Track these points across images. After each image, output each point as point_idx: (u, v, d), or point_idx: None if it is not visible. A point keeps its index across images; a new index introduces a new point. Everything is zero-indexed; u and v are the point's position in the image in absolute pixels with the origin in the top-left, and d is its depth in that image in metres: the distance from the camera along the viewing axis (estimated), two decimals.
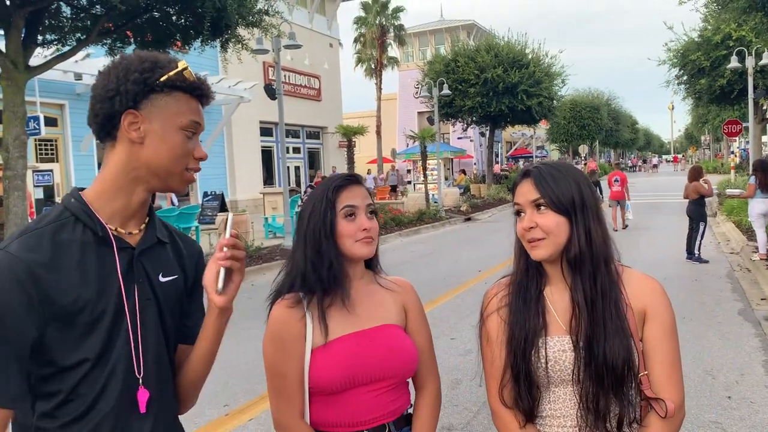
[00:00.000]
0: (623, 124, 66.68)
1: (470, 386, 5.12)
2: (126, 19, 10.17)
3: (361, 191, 1.71)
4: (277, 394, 1.67)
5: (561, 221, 1.55)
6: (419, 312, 1.80)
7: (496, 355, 1.63)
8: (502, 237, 15.12)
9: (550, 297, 1.62)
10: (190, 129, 1.38)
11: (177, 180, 1.39)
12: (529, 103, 27.83)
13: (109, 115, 1.33)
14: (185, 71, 1.36)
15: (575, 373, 1.54)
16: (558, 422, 1.59)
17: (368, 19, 35.35)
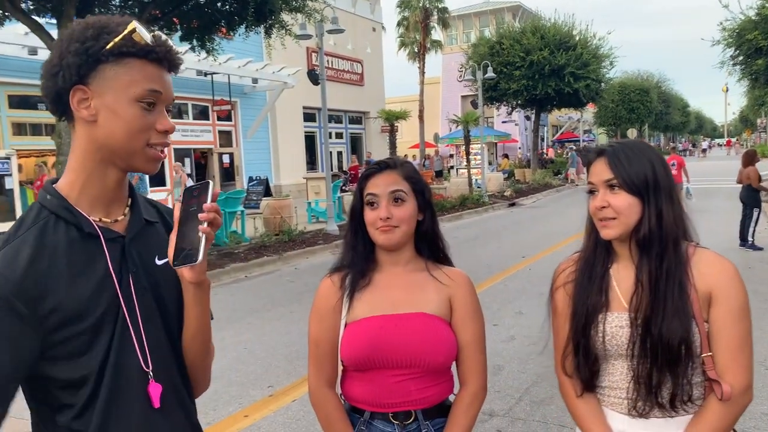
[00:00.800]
0: (674, 107, 64.72)
1: (512, 372, 5.07)
2: (172, 6, 10.34)
3: (389, 177, 1.72)
4: (311, 360, 1.79)
5: (633, 202, 1.57)
6: (469, 307, 1.77)
7: (560, 327, 1.72)
8: (546, 222, 15.01)
9: (615, 274, 1.65)
10: (147, 99, 1.21)
11: (141, 159, 1.24)
12: (576, 85, 27.24)
13: (56, 93, 1.20)
14: (134, 34, 1.18)
15: (629, 348, 1.58)
16: (615, 393, 1.64)
17: (412, 2, 35.00)
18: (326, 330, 1.75)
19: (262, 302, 7.89)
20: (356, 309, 1.73)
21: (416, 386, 1.69)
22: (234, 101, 21.56)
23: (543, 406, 4.40)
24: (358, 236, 1.77)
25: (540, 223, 15.65)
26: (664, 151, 34.92)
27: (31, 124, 16.55)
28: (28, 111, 16.30)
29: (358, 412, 1.74)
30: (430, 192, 1.82)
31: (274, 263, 10.91)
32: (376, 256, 1.78)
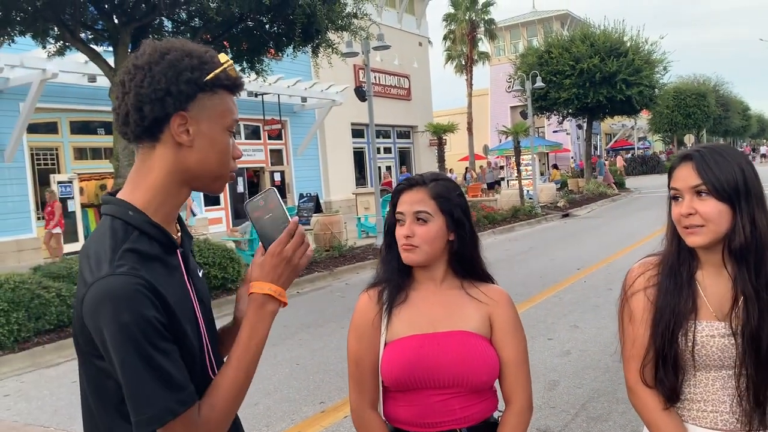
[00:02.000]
0: (733, 110, 62.46)
1: (568, 387, 4.93)
2: (222, 29, 10.62)
3: (416, 196, 1.70)
4: (352, 380, 1.75)
5: (723, 209, 1.49)
6: (509, 325, 1.73)
7: (639, 333, 1.61)
8: (602, 233, 14.65)
9: (701, 281, 1.57)
10: (233, 128, 1.31)
11: (221, 183, 1.33)
12: (629, 92, 26.62)
13: (157, 117, 1.23)
14: (229, 68, 1.27)
15: (735, 362, 1.50)
16: (698, 406, 1.56)
17: (458, 15, 35.06)
18: (366, 348, 1.72)
19: (314, 317, 7.93)
20: (395, 326, 1.70)
21: (460, 404, 1.65)
22: (284, 120, 21.94)
23: (600, 422, 4.25)
24: (393, 252, 1.74)
25: (595, 234, 15.28)
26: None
27: (91, 148, 17.22)
28: (88, 136, 16.97)
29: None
30: (463, 211, 1.74)
31: (325, 279, 10.98)
32: (413, 271, 1.76)
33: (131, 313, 1.12)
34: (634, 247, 11.70)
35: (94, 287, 1.15)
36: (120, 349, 1.12)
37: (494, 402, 1.73)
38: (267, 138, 22.42)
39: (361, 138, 27.41)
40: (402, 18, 29.97)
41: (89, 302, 1.15)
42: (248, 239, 12.39)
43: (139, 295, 1.14)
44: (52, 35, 10.49)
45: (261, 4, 9.39)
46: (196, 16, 10.40)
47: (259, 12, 10.22)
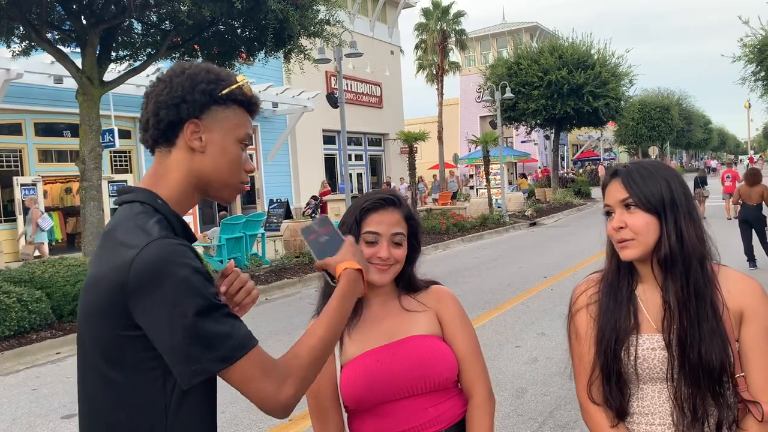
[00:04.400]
0: (695, 123, 64.06)
1: (536, 395, 4.98)
2: (193, 33, 10.52)
3: (393, 217, 1.68)
4: (313, 415, 1.70)
5: (651, 221, 1.53)
6: (456, 319, 1.74)
7: (584, 351, 1.63)
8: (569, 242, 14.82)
9: (641, 296, 1.60)
10: (245, 141, 1.40)
11: (231, 191, 1.41)
12: (596, 104, 27.12)
13: (173, 121, 1.33)
14: (244, 86, 1.39)
15: (669, 373, 1.52)
16: (646, 419, 1.57)
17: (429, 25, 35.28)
18: (322, 378, 1.65)
19: (283, 325, 7.87)
20: (349, 348, 1.67)
21: (429, 404, 1.66)
22: (255, 125, 21.75)
23: (567, 430, 4.31)
24: None
25: (561, 242, 15.49)
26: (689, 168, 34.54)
27: (56, 150, 16.87)
28: (53, 138, 16.63)
29: None
30: (420, 233, 1.78)
31: (294, 285, 10.91)
32: None
33: (190, 268, 1.21)
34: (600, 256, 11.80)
35: (149, 248, 1.20)
36: (184, 300, 1.18)
37: (463, 399, 1.73)
38: None
39: (332, 144, 27.38)
40: (374, 26, 30.08)
41: (143, 262, 1.19)
42: (217, 245, 12.27)
43: (193, 256, 1.24)
44: (18, 34, 10.27)
45: (232, 8, 9.33)
46: (167, 19, 10.28)
47: (230, 16, 10.15)
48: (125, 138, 17.55)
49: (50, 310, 7.77)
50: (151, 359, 1.23)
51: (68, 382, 6.12)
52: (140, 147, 18.42)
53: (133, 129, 18.32)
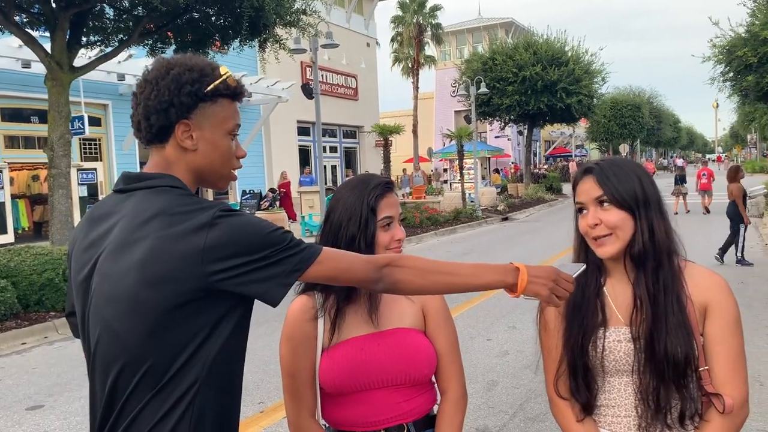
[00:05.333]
0: (665, 122, 65.14)
1: (506, 388, 5.04)
2: (167, 19, 10.35)
3: (395, 199, 1.73)
4: (288, 393, 1.69)
5: (625, 217, 1.55)
6: (440, 315, 1.76)
7: (552, 345, 1.66)
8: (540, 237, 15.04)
9: (610, 290, 1.62)
10: (234, 131, 1.45)
11: (225, 180, 1.49)
12: (569, 101, 27.40)
13: (161, 126, 1.39)
14: (228, 78, 1.42)
15: (635, 366, 1.54)
16: (612, 411, 1.60)
17: (405, 18, 35.27)
18: (301, 359, 1.67)
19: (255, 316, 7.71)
20: (334, 332, 1.67)
21: (404, 398, 1.67)
22: None
23: (537, 422, 4.36)
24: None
25: (533, 237, 15.65)
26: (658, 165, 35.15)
27: (23, 137, 16.50)
28: (20, 124, 16.26)
29: None
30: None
31: None
32: None
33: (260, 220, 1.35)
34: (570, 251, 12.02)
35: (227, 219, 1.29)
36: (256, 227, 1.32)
37: (434, 394, 1.76)
38: None
39: (307, 136, 27.23)
40: (350, 18, 29.94)
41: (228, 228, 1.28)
42: None
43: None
44: None
45: None
46: (140, 5, 10.09)
47: (205, 3, 10.02)
48: (95, 125, 17.23)
49: (15, 300, 7.61)
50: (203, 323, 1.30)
51: (34, 373, 6.01)
52: (111, 134, 18.12)
53: (103, 116, 18.00)
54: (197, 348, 1.29)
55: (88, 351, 1.39)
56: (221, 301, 1.31)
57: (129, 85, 17.47)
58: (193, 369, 1.30)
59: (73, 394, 5.31)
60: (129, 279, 1.28)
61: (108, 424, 1.32)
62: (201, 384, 1.30)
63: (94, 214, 1.44)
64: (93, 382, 1.38)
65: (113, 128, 18.10)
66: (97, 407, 1.36)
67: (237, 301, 1.34)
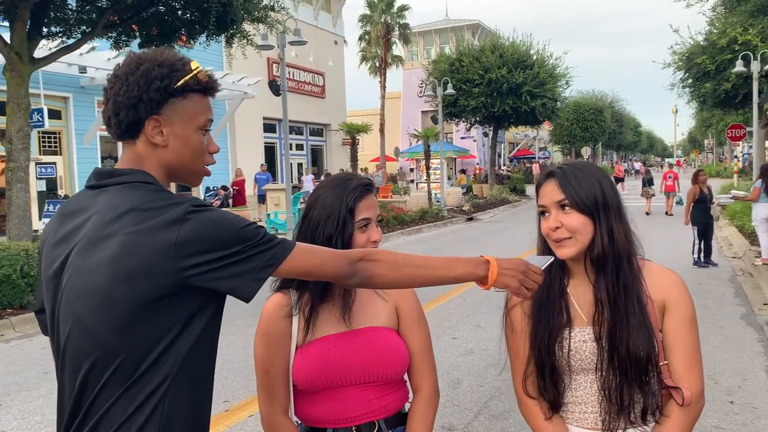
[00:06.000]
0: (626, 126, 66.54)
1: (471, 386, 5.10)
2: (132, 12, 10.17)
3: (374, 200, 1.74)
4: (261, 389, 1.71)
5: (585, 221, 1.59)
6: (413, 315, 1.78)
7: (520, 346, 1.69)
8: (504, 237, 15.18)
9: (573, 291, 1.66)
10: (206, 127, 1.44)
11: (197, 176, 1.47)
12: (533, 104, 27.78)
13: (133, 121, 1.38)
14: (199, 73, 1.41)
15: (598, 365, 1.59)
16: (579, 408, 1.64)
17: (373, 17, 35.28)
18: (276, 356, 1.68)
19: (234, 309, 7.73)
20: (309, 329, 1.68)
21: (375, 395, 1.69)
22: None
23: (501, 420, 4.43)
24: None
25: (497, 237, 15.84)
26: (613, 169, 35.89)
27: None
28: None
29: (319, 431, 1.71)
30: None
31: None
32: None
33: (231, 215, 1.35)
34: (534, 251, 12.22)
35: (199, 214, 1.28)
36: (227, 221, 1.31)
37: (406, 392, 1.78)
38: None
39: (273, 133, 27.04)
40: (318, 15, 29.83)
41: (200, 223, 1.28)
42: None
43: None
44: None
45: None
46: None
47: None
48: (55, 118, 16.81)
49: None
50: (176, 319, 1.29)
51: None
52: (71, 128, 17.70)
53: (63, 109, 17.58)
54: (169, 344, 1.29)
55: (57, 347, 1.38)
56: (194, 297, 1.30)
57: (91, 77, 17.09)
58: (165, 365, 1.29)
59: (31, 393, 5.19)
60: (101, 274, 1.27)
61: (76, 420, 1.31)
62: (172, 380, 1.29)
63: (66, 209, 1.42)
64: (62, 379, 1.36)
65: (74, 121, 17.69)
66: (66, 404, 1.34)
67: (210, 297, 1.33)
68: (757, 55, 17.64)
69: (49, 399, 4.88)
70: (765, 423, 4.29)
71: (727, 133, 24.70)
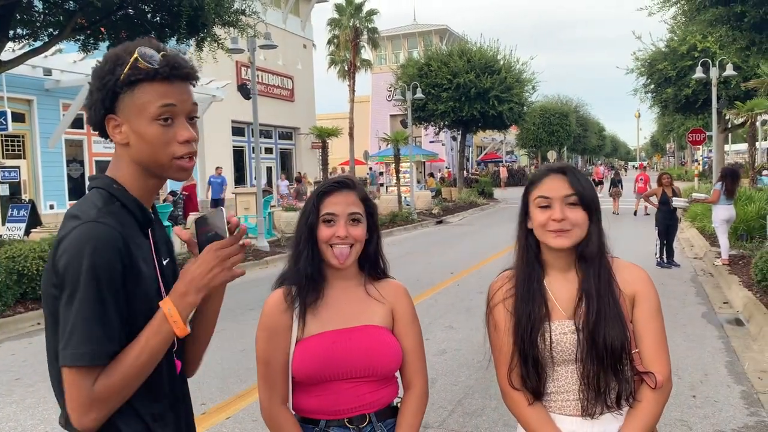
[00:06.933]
0: (591, 130, 67.74)
1: (445, 385, 5.21)
2: (100, 15, 10.07)
3: (348, 198, 1.79)
4: (262, 380, 1.79)
5: (585, 217, 1.72)
6: (407, 316, 1.88)
7: (503, 342, 1.78)
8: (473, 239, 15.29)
9: (549, 286, 1.77)
10: (162, 115, 1.32)
11: (171, 170, 1.37)
12: (501, 108, 28.17)
13: (97, 122, 1.37)
14: (138, 62, 1.30)
15: (578, 355, 1.70)
16: (561, 397, 1.75)
17: (342, 21, 35.28)
18: (276, 349, 1.77)
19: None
20: (308, 325, 1.77)
21: (368, 390, 1.78)
22: None
23: (475, 417, 4.54)
24: (311, 253, 1.78)
25: (466, 240, 16.03)
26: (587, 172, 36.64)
27: None
28: None
29: (312, 422, 1.79)
30: (377, 214, 1.90)
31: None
32: (324, 272, 1.82)
33: (104, 258, 1.25)
34: (502, 254, 12.40)
35: (81, 228, 1.27)
36: (82, 286, 1.24)
37: (396, 388, 1.88)
38: None
39: (242, 136, 26.89)
40: (287, 19, 29.77)
41: (72, 238, 1.26)
42: None
43: (115, 246, 1.27)
44: None
45: None
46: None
47: (141, 1, 9.81)
48: (19, 121, 16.48)
49: None
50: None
51: None
52: (35, 131, 17.37)
53: (27, 112, 17.24)
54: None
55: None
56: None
57: (56, 80, 16.81)
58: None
59: (4, 400, 5.11)
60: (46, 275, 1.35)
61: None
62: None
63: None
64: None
65: (38, 125, 17.36)
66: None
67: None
68: (715, 62, 18.20)
69: (21, 405, 4.83)
70: (726, 415, 4.49)
71: (688, 137, 25.39)
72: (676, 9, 9.54)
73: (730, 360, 5.76)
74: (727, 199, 10.40)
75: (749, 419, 4.42)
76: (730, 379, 5.26)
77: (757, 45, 8.85)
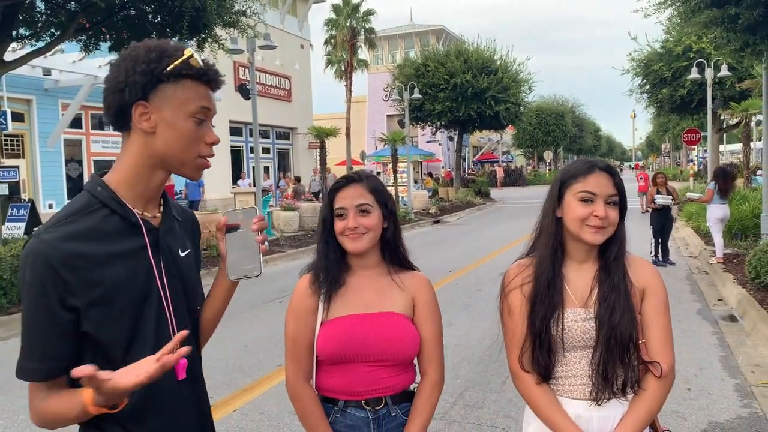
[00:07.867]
0: (587, 130, 68.01)
1: (447, 379, 5.23)
2: (102, 16, 10.15)
3: (355, 191, 1.91)
4: (289, 356, 1.93)
5: (618, 217, 1.84)
6: (428, 306, 1.97)
7: (517, 325, 1.88)
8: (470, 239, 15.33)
9: (566, 275, 1.88)
10: (199, 114, 1.39)
11: (190, 167, 1.43)
12: (497, 108, 28.29)
13: (120, 106, 1.36)
14: (191, 59, 1.37)
15: (590, 343, 1.81)
16: (569, 381, 1.86)
17: (339, 21, 35.40)
18: (303, 327, 1.91)
19: None
20: (332, 308, 1.90)
21: (386, 374, 1.89)
22: None
23: (476, 409, 4.66)
24: (330, 244, 1.94)
25: (464, 239, 16.15)
26: None
27: None
28: None
29: (332, 401, 1.91)
30: (393, 203, 2.01)
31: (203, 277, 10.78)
32: (347, 260, 1.96)
33: (35, 275, 1.29)
34: (499, 253, 12.57)
35: (30, 242, 1.33)
36: (23, 302, 1.34)
37: (413, 374, 1.98)
38: None
39: (239, 136, 26.95)
40: (284, 19, 29.84)
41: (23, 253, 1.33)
42: None
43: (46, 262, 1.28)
44: None
45: None
46: (74, 0, 9.87)
47: (143, 2, 9.90)
48: (18, 121, 16.53)
49: None
50: None
51: None
52: (34, 131, 17.42)
53: (26, 112, 17.29)
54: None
55: None
56: None
57: (55, 80, 16.87)
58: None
59: None
60: None
61: None
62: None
63: None
64: None
65: (37, 124, 17.41)
66: None
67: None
68: (710, 62, 18.36)
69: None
70: (719, 407, 4.62)
71: (683, 138, 25.54)
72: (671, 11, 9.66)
73: (724, 355, 5.89)
74: (721, 198, 10.54)
75: (742, 410, 4.56)
76: (725, 372, 5.39)
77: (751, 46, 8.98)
